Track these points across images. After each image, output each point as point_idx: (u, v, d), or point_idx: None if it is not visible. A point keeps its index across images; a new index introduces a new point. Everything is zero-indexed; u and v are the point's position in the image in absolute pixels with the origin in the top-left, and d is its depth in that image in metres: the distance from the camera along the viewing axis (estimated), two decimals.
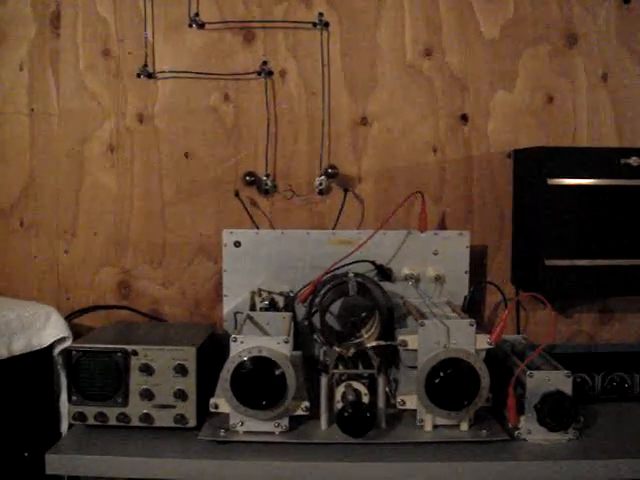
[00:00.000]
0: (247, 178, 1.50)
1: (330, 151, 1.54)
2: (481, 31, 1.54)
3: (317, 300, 1.30)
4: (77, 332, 1.49)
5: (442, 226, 1.57)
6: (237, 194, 1.51)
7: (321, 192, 1.54)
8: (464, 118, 1.56)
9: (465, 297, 1.44)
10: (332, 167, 1.50)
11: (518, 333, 1.56)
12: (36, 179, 1.55)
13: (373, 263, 1.40)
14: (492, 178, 1.56)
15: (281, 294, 1.41)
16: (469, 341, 1.16)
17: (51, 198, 1.55)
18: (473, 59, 1.55)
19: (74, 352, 1.22)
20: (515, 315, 1.58)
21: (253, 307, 1.39)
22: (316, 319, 1.29)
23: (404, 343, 1.17)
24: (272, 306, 1.40)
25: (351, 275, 1.28)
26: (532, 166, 1.44)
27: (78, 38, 1.53)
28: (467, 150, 1.56)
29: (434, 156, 1.56)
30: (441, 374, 1.13)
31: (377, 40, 1.54)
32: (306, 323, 1.31)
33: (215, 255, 1.54)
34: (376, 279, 1.37)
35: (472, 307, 1.49)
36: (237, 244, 1.43)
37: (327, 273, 1.33)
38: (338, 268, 1.35)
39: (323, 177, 1.51)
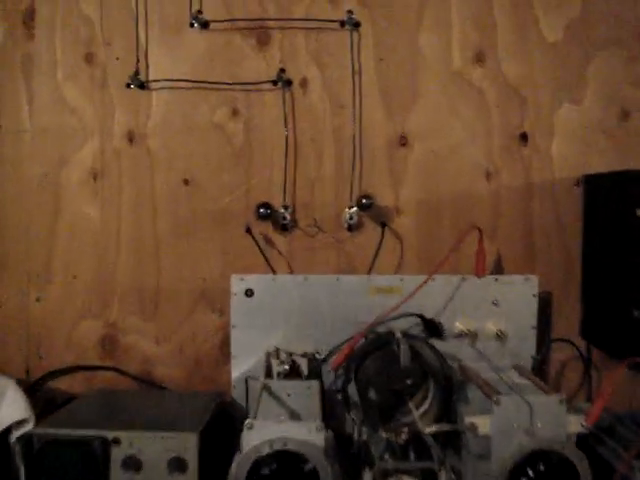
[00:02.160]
0: (261, 211, 1.27)
1: (362, 177, 1.32)
2: (542, 33, 1.32)
3: (352, 365, 1.09)
4: (51, 399, 1.28)
5: (497, 269, 1.34)
6: (248, 230, 1.28)
7: (350, 228, 1.31)
8: (523, 137, 1.34)
9: (534, 359, 1.23)
10: (366, 197, 1.28)
11: (588, 401, 1.37)
12: (1, 210, 1.34)
13: (421, 317, 1.19)
14: (556, 210, 1.33)
15: (304, 356, 1.18)
16: (559, 424, 0.92)
17: (20, 234, 1.33)
18: (533, 66, 1.32)
19: (36, 439, 0.97)
20: (586, 377, 1.36)
21: (269, 371, 1.16)
22: (351, 389, 1.09)
23: (473, 427, 0.93)
24: (293, 371, 1.18)
25: (399, 335, 1.06)
26: (613, 195, 1.22)
27: (56, 40, 1.31)
28: (527, 176, 1.33)
29: (487, 183, 1.34)
30: (530, 473, 0.90)
31: (418, 43, 1.32)
32: (339, 396, 1.09)
33: (220, 305, 1.31)
34: (424, 337, 1.17)
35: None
36: (249, 293, 1.21)
37: (366, 331, 1.13)
38: (378, 324, 1.15)
39: (354, 209, 1.29)
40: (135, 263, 1.33)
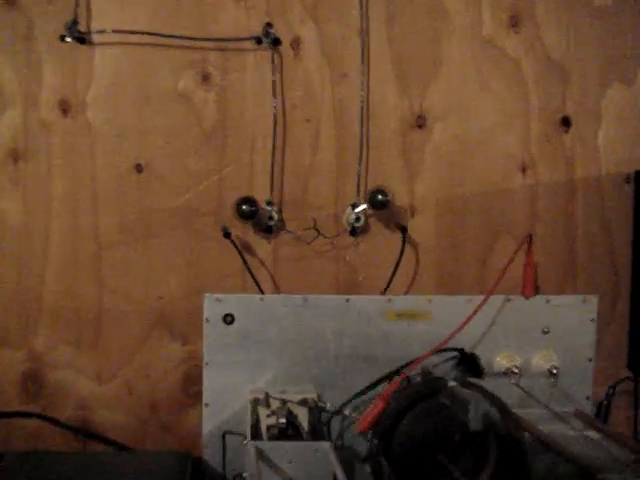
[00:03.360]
0: (243, 208, 0.98)
1: (368, 167, 1.08)
2: None
3: (386, 424, 0.83)
4: None
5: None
6: (227, 234, 0.98)
7: (354, 231, 1.04)
8: (565, 122, 1.10)
9: (601, 404, 1.00)
10: (381, 192, 1.01)
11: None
12: None
13: (461, 352, 0.96)
14: (602, 212, 1.11)
15: (303, 404, 0.92)
16: None
17: None
18: (578, 35, 1.10)
19: None
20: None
21: (256, 425, 0.90)
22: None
23: None
24: (289, 424, 0.94)
25: (453, 384, 0.82)
26: None
27: None
28: (569, 170, 1.10)
29: (522, 178, 1.12)
30: None
31: (442, 2, 1.08)
32: (367, 467, 0.82)
33: (184, 331, 1.02)
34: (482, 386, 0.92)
35: None
36: (228, 319, 0.93)
37: (403, 378, 0.87)
38: (408, 364, 0.90)
39: (362, 207, 1.02)
40: (69, 275, 1.02)
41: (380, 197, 0.99)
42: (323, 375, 0.94)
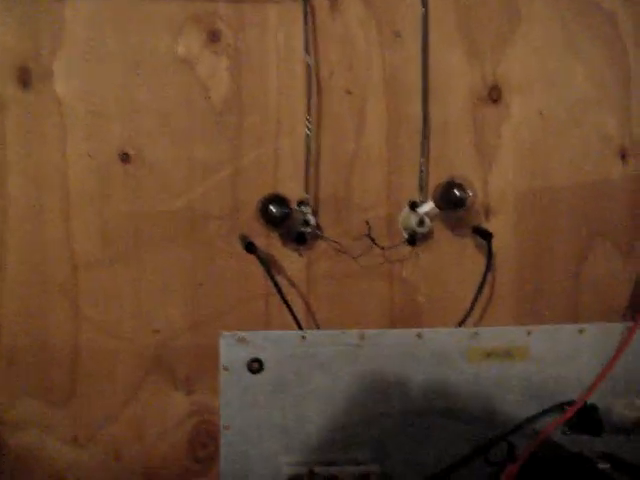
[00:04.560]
0: (271, 210, 0.73)
1: (429, 153, 0.87)
2: None
3: None
4: None
5: (635, 300, 0.94)
6: (251, 247, 0.74)
7: (412, 239, 0.84)
8: None
9: None
10: (456, 185, 0.76)
11: None
12: None
13: (591, 409, 0.72)
14: None
15: None
16: None
17: None
18: None
19: None
20: None
21: None
22: None
23: None
24: None
25: (605, 467, 0.60)
26: None
27: None
28: None
29: (622, 166, 0.92)
30: None
31: None
32: None
33: (189, 375, 0.78)
34: None
35: None
36: (255, 366, 0.69)
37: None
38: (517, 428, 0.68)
39: (428, 207, 0.78)
40: (33, 304, 0.77)
41: (457, 193, 0.75)
42: (386, 439, 0.69)
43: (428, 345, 0.69)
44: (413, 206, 0.80)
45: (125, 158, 0.77)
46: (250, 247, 0.72)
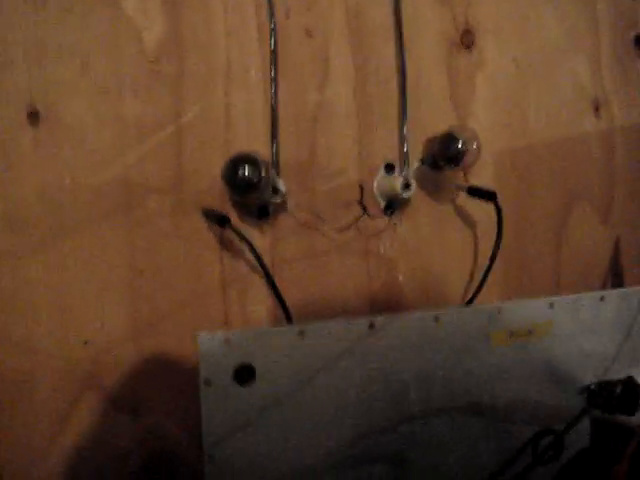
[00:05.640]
0: (242, 173, 0.56)
1: (403, 104, 0.75)
2: None
3: None
4: None
5: (614, 262, 0.88)
6: (223, 219, 0.60)
7: (390, 208, 0.73)
8: (638, 42, 0.91)
9: None
10: (451, 138, 0.64)
11: None
12: None
13: (628, 381, 0.65)
14: None
15: None
16: None
17: None
18: None
19: None
20: None
21: None
22: None
23: None
24: None
25: None
26: None
27: None
28: None
29: (595, 119, 0.86)
30: None
31: None
32: None
33: (133, 395, 0.62)
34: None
35: None
36: (245, 375, 0.52)
37: None
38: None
39: (414, 167, 0.69)
40: None
41: (458, 145, 0.65)
42: (405, 449, 0.57)
43: (447, 329, 0.59)
44: (388, 168, 0.69)
45: (34, 118, 0.60)
46: (223, 221, 0.58)
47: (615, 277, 0.80)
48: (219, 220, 0.58)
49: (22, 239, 0.60)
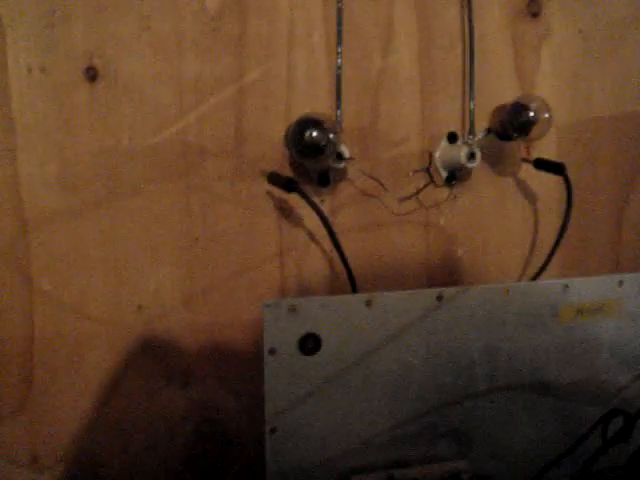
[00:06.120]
0: (311, 136, 0.56)
1: (467, 74, 0.74)
2: None
3: None
4: None
5: None
6: (292, 183, 0.57)
7: (451, 178, 0.72)
8: None
9: None
10: (522, 107, 0.63)
11: None
12: None
13: None
14: None
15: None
16: None
17: None
18: None
19: None
20: None
21: None
22: None
23: None
24: None
25: None
26: None
27: None
28: None
29: None
30: None
31: None
32: None
33: (185, 363, 0.61)
34: None
35: None
36: (310, 344, 0.50)
37: None
38: None
39: (481, 136, 0.68)
40: None
41: (529, 114, 0.63)
42: (470, 427, 0.56)
43: (516, 304, 0.57)
44: (451, 138, 0.67)
45: (91, 74, 0.58)
46: (291, 185, 0.56)
47: None
48: (286, 184, 0.56)
49: (77, 199, 0.58)
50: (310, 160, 0.57)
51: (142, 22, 0.59)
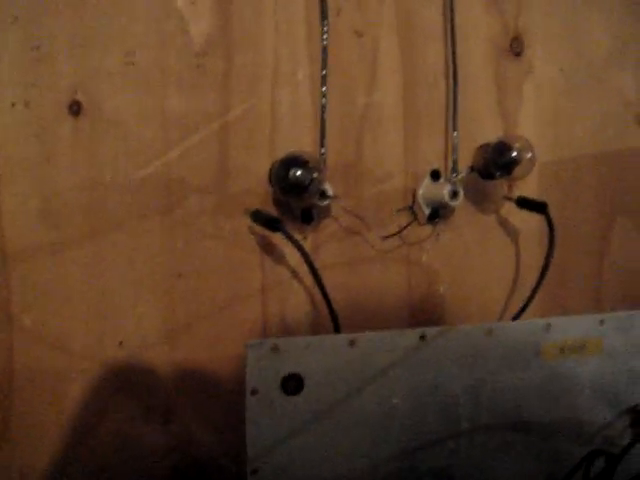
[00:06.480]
0: (293, 174, 0.56)
1: (454, 112, 0.72)
2: None
3: None
4: None
5: None
6: (275, 222, 0.57)
7: (434, 216, 0.73)
8: None
9: None
10: (504, 146, 0.64)
11: None
12: None
13: None
14: None
15: None
16: None
17: None
18: None
19: None
20: None
21: None
22: None
23: None
24: None
25: None
26: None
27: None
28: None
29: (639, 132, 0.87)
30: None
31: None
32: None
33: (165, 399, 0.61)
34: None
35: None
36: (292, 385, 0.50)
37: None
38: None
39: (461, 175, 0.67)
40: None
41: (512, 154, 0.64)
42: (454, 467, 0.56)
43: (499, 343, 0.57)
44: (434, 176, 0.68)
45: (75, 109, 0.58)
46: (275, 224, 0.56)
47: None
48: (269, 223, 0.57)
49: (59, 234, 0.58)
50: (294, 198, 0.58)
51: (127, 57, 0.59)
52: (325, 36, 0.63)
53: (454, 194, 0.65)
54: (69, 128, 0.58)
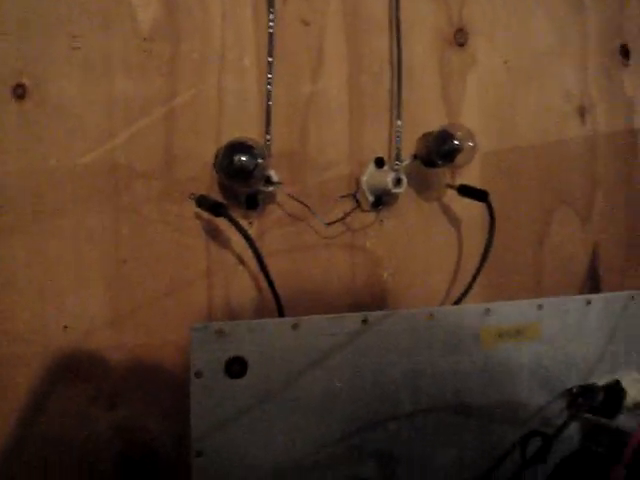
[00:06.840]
0: (238, 160, 0.57)
1: (398, 100, 0.74)
2: None
3: None
4: None
5: (592, 267, 0.90)
6: (219, 207, 0.58)
7: (378, 203, 0.74)
8: (624, 52, 0.93)
9: None
10: (446, 135, 0.66)
11: None
12: None
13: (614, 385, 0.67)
14: None
15: None
16: None
17: None
18: None
19: None
20: None
21: None
22: None
23: None
24: None
25: None
26: None
27: None
28: (629, 115, 0.92)
29: (581, 125, 0.89)
30: None
31: None
32: None
33: (111, 385, 0.61)
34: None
35: None
36: (236, 368, 0.52)
37: None
38: None
39: (405, 163, 0.69)
40: None
41: (454, 142, 0.66)
42: (394, 448, 0.58)
43: (440, 327, 0.59)
44: (378, 163, 0.70)
45: (20, 92, 0.58)
46: (219, 209, 0.57)
47: (591, 281, 0.83)
48: (214, 208, 0.58)
49: (2, 218, 0.58)
50: (239, 183, 0.59)
51: (72, 41, 0.60)
52: (272, 24, 0.65)
53: (398, 181, 0.67)
54: (13, 112, 0.58)
